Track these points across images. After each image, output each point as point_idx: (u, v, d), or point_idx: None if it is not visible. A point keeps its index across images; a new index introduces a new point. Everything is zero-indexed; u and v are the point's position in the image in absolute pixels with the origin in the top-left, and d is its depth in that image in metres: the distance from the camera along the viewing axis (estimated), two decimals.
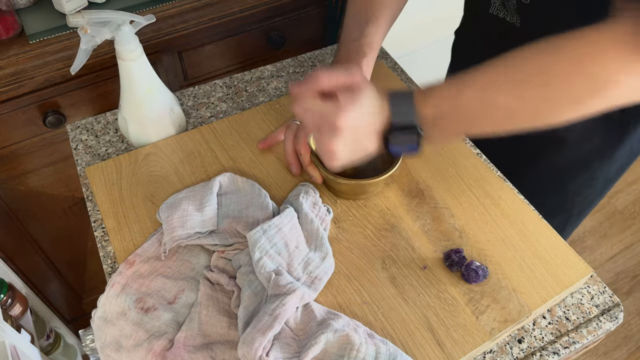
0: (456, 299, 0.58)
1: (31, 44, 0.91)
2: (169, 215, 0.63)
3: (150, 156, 0.73)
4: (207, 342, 0.55)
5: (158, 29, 0.99)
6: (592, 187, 0.84)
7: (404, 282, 0.60)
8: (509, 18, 0.71)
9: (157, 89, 0.72)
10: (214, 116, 0.82)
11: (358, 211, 0.67)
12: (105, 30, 0.63)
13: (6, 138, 0.99)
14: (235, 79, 0.88)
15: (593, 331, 0.59)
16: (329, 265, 0.60)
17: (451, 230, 0.64)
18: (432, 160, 0.72)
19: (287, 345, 0.53)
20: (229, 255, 0.62)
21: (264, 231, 0.59)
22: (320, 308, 0.57)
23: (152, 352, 0.54)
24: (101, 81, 1.01)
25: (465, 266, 0.60)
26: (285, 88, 0.86)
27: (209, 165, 0.72)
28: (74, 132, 0.80)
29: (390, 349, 0.53)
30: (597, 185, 0.84)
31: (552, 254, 0.62)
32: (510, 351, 0.58)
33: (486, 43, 0.77)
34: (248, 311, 0.55)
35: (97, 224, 0.68)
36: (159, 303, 0.58)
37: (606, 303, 0.62)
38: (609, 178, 0.84)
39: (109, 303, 0.59)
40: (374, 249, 0.63)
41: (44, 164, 1.08)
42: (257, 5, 1.08)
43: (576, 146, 0.78)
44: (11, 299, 1.12)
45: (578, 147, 0.78)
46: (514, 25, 0.71)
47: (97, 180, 0.70)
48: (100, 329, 0.57)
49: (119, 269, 0.61)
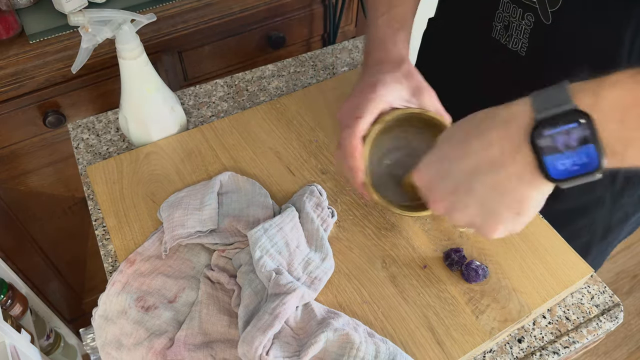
0: (456, 299, 0.58)
1: (31, 44, 0.91)
2: (170, 214, 0.63)
3: (151, 155, 0.73)
4: (208, 341, 0.55)
5: (158, 28, 0.99)
6: (591, 233, 0.77)
7: (404, 281, 0.60)
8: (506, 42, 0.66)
9: (157, 88, 0.72)
10: (214, 115, 0.82)
11: (358, 210, 0.67)
12: (106, 29, 0.63)
13: (6, 138, 0.99)
14: (236, 78, 0.88)
15: (593, 331, 0.59)
16: (329, 266, 0.60)
17: (451, 230, 0.64)
18: None
19: (287, 344, 0.53)
20: (230, 254, 0.62)
21: (264, 230, 0.59)
22: (320, 307, 0.57)
23: (153, 351, 0.54)
24: (101, 81, 1.01)
25: (465, 265, 0.60)
26: (287, 87, 0.86)
27: (209, 165, 0.72)
28: (75, 131, 0.80)
29: (390, 348, 0.53)
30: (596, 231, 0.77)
31: (552, 254, 0.62)
32: (510, 351, 0.58)
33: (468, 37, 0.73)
34: (248, 310, 0.55)
35: (98, 223, 0.68)
36: (159, 302, 0.58)
37: (606, 303, 0.62)
38: (611, 226, 0.76)
39: (110, 301, 0.59)
40: (374, 248, 0.63)
41: (44, 164, 1.08)
42: (257, 5, 1.08)
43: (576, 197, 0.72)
44: (11, 299, 1.12)
45: (578, 198, 0.72)
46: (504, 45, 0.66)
47: (98, 179, 0.70)
48: (101, 327, 0.57)
49: (119, 268, 0.61)
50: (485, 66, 0.70)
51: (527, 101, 0.38)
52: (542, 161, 0.38)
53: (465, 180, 0.42)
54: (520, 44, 0.64)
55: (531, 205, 0.41)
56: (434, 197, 0.47)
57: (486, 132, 0.40)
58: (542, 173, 0.38)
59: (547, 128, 0.37)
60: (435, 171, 0.46)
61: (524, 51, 0.65)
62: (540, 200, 0.41)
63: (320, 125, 0.77)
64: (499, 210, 0.42)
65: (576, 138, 0.36)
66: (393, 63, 0.58)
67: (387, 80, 0.56)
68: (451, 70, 0.76)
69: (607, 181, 0.70)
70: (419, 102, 0.57)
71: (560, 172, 0.37)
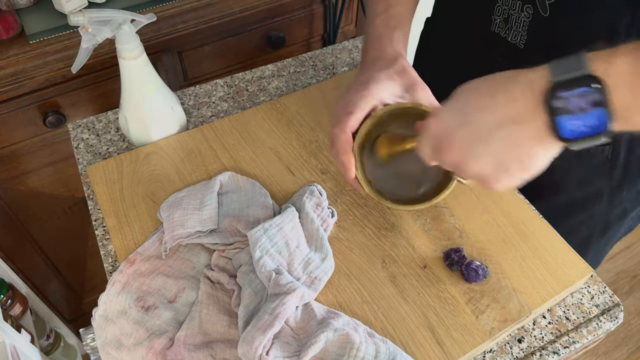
0: (456, 299, 0.58)
1: (31, 44, 0.91)
2: (170, 214, 0.63)
3: (151, 155, 0.73)
4: (208, 341, 0.55)
5: (158, 29, 0.99)
6: (590, 228, 0.78)
7: (404, 281, 0.60)
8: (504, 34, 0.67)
9: (157, 88, 0.72)
10: (214, 115, 0.82)
11: (358, 210, 0.67)
12: (106, 29, 0.63)
13: (6, 138, 0.99)
14: (236, 78, 0.88)
15: (593, 331, 0.59)
16: (329, 266, 0.60)
17: (451, 230, 0.64)
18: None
19: (287, 344, 0.53)
20: (230, 254, 0.62)
21: (264, 230, 0.59)
22: (320, 307, 0.57)
23: (153, 351, 0.54)
24: (101, 81, 1.01)
25: (465, 265, 0.60)
26: (287, 87, 0.86)
27: (209, 165, 0.72)
28: (75, 130, 0.80)
29: (390, 348, 0.53)
30: (595, 226, 0.78)
31: (552, 254, 0.62)
32: (510, 351, 0.58)
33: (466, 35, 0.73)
34: (248, 310, 0.55)
35: (98, 223, 0.68)
36: (159, 302, 0.58)
37: (606, 303, 0.62)
38: (609, 221, 0.77)
39: (110, 301, 0.59)
40: (374, 248, 0.63)
41: (44, 164, 1.08)
42: (257, 5, 1.08)
43: (574, 189, 0.74)
44: (11, 299, 1.12)
45: (577, 190, 0.74)
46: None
47: (98, 179, 0.70)
48: (101, 327, 0.57)
49: (119, 268, 0.61)
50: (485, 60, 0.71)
51: (547, 67, 0.41)
52: (554, 121, 0.40)
53: (487, 131, 0.44)
54: (519, 36, 0.65)
55: (538, 162, 0.43)
56: (449, 143, 0.47)
57: (512, 88, 0.42)
58: (554, 133, 0.40)
59: (562, 90, 0.39)
60: (455, 119, 0.47)
61: (523, 43, 0.65)
62: (546, 160, 0.43)
63: (320, 125, 0.77)
64: (508, 163, 0.44)
65: (589, 101, 0.38)
66: (387, 60, 0.59)
67: (380, 77, 0.57)
68: (450, 67, 0.76)
69: (605, 172, 0.71)
70: (413, 98, 0.58)
71: (571, 133, 0.39)
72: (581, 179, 0.73)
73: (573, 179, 0.73)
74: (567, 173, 0.72)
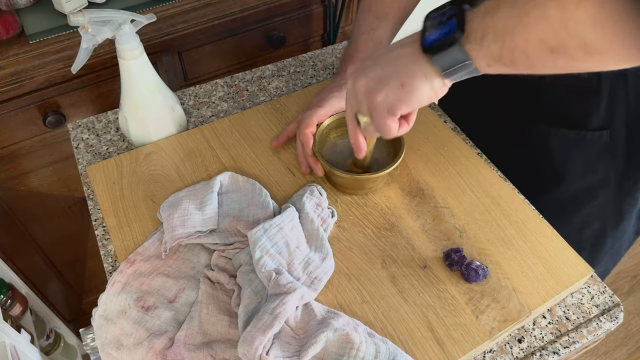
0: (456, 299, 0.58)
1: (31, 44, 0.91)
2: (170, 214, 0.63)
3: (151, 155, 0.73)
4: (208, 341, 0.55)
5: (158, 29, 0.99)
6: (602, 219, 0.79)
7: (404, 281, 0.60)
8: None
9: (157, 88, 0.72)
10: (214, 115, 0.82)
11: (358, 210, 0.67)
12: (106, 29, 0.63)
13: (6, 138, 0.99)
14: (236, 78, 0.88)
15: (593, 331, 0.59)
16: (329, 266, 0.60)
17: (451, 230, 0.64)
18: (433, 159, 0.72)
19: (287, 344, 0.53)
20: (230, 254, 0.62)
21: (265, 230, 0.59)
22: (320, 307, 0.57)
23: (153, 351, 0.54)
24: (101, 81, 1.01)
25: (465, 265, 0.60)
26: (287, 87, 0.86)
27: (209, 165, 0.72)
28: (75, 131, 0.80)
29: (390, 348, 0.53)
30: (607, 217, 0.78)
31: (552, 254, 0.62)
32: (510, 351, 0.58)
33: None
34: (248, 310, 0.55)
35: (98, 223, 0.68)
36: (159, 302, 0.58)
37: (606, 303, 0.62)
38: (622, 210, 0.78)
39: (110, 301, 0.59)
40: (374, 248, 0.63)
41: (44, 164, 1.08)
42: (257, 5, 1.08)
43: (579, 178, 0.75)
44: (11, 299, 1.12)
45: (581, 178, 0.75)
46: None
47: (98, 179, 0.70)
48: (101, 327, 0.57)
49: (119, 268, 0.61)
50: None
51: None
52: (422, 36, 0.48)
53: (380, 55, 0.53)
54: None
55: (415, 84, 0.49)
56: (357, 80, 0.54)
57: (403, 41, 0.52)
58: (421, 46, 0.48)
59: (432, 14, 0.48)
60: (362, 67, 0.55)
61: None
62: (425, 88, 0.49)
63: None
64: (389, 77, 0.51)
65: (446, 16, 0.46)
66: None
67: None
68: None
69: (607, 158, 0.72)
70: None
71: (429, 41, 0.47)
72: (584, 167, 0.74)
73: (575, 167, 0.74)
74: (567, 161, 0.72)
